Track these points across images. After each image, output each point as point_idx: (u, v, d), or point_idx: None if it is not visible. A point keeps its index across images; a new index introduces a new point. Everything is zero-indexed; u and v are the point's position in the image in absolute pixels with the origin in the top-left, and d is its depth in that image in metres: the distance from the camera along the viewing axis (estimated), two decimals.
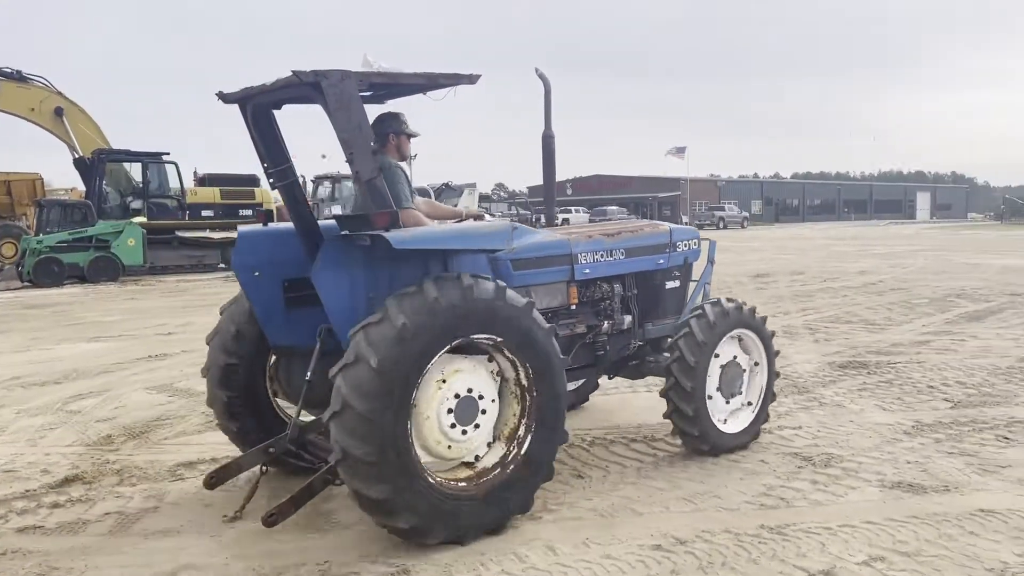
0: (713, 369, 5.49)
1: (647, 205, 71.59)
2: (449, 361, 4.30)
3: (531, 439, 4.49)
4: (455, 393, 4.31)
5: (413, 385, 4.05)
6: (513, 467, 4.46)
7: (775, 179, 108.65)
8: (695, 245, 6.42)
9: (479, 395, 4.40)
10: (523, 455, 4.48)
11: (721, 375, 5.56)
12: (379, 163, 4.38)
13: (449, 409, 4.29)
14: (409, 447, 4.08)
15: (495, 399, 4.50)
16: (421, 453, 4.23)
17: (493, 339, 4.32)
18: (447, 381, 4.29)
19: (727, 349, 5.60)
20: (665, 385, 5.49)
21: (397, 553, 4.17)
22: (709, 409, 5.46)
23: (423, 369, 4.08)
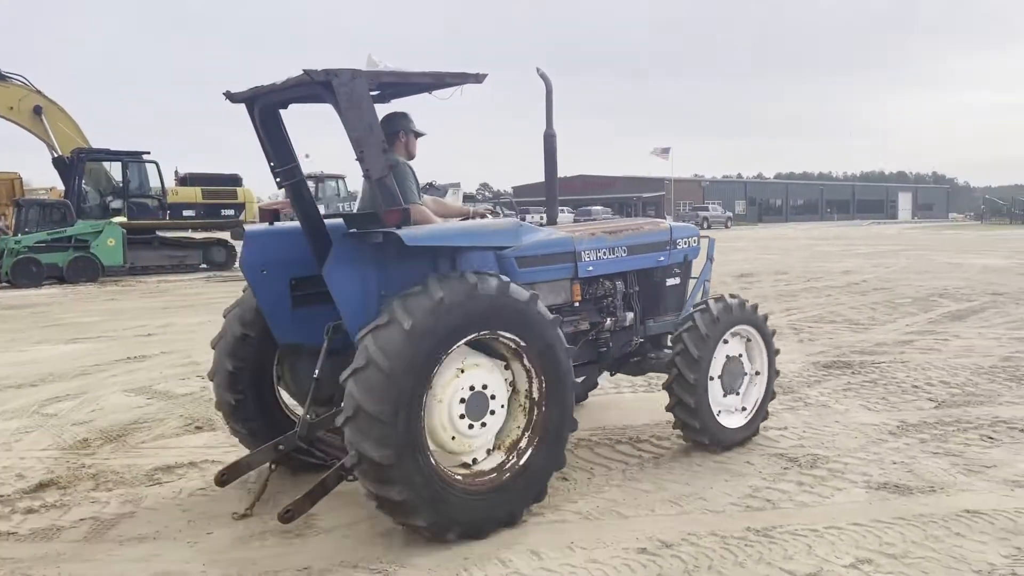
0: (716, 364, 5.55)
1: (631, 205, 71.63)
2: (470, 354, 4.38)
3: (531, 453, 4.52)
4: (470, 385, 4.35)
5: (425, 385, 4.10)
6: (509, 475, 4.46)
7: (758, 179, 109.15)
8: (695, 243, 6.52)
9: (492, 394, 4.44)
10: (521, 466, 4.50)
11: (723, 371, 5.62)
12: (390, 161, 4.40)
13: (462, 399, 4.33)
14: (424, 446, 4.13)
15: (504, 405, 4.53)
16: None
17: (516, 341, 4.40)
18: (465, 372, 4.35)
19: (730, 345, 5.67)
20: (668, 378, 5.53)
21: (378, 558, 4.10)
22: (710, 402, 5.51)
23: (434, 369, 4.12)
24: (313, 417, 4.84)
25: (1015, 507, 4.57)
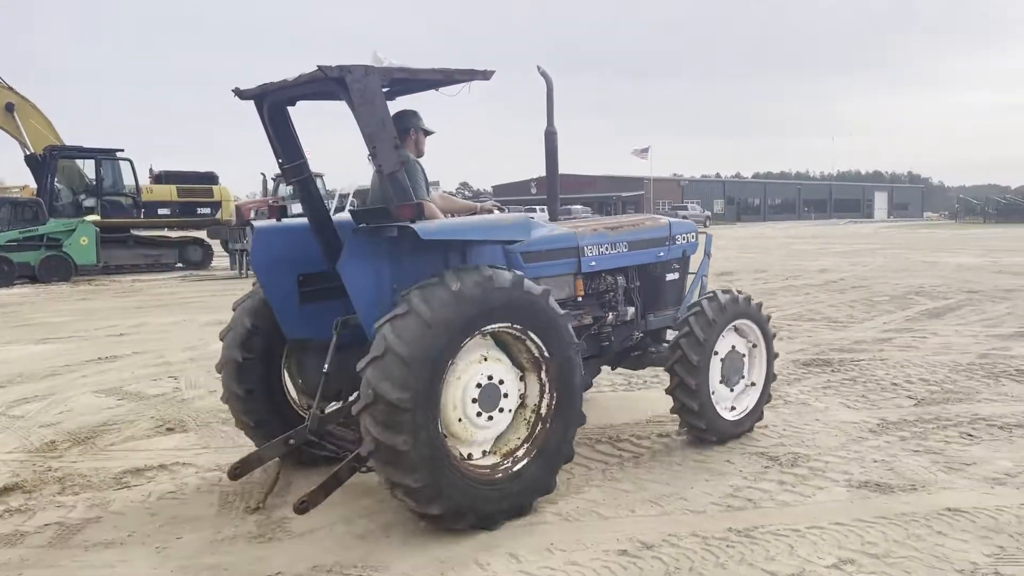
0: (715, 361, 5.64)
1: (611, 204, 71.79)
2: (494, 348, 4.49)
3: (526, 463, 4.51)
4: (489, 375, 4.42)
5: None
6: (501, 476, 4.45)
7: (737, 179, 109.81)
8: (693, 238, 6.63)
9: (505, 392, 4.49)
10: (513, 473, 4.49)
11: (722, 366, 5.72)
12: (401, 157, 4.43)
13: (479, 384, 4.38)
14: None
15: (511, 410, 4.57)
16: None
17: (540, 349, 4.49)
18: (488, 360, 4.44)
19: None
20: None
21: (353, 563, 3.99)
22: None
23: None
24: (321, 412, 4.85)
25: (996, 505, 4.54)
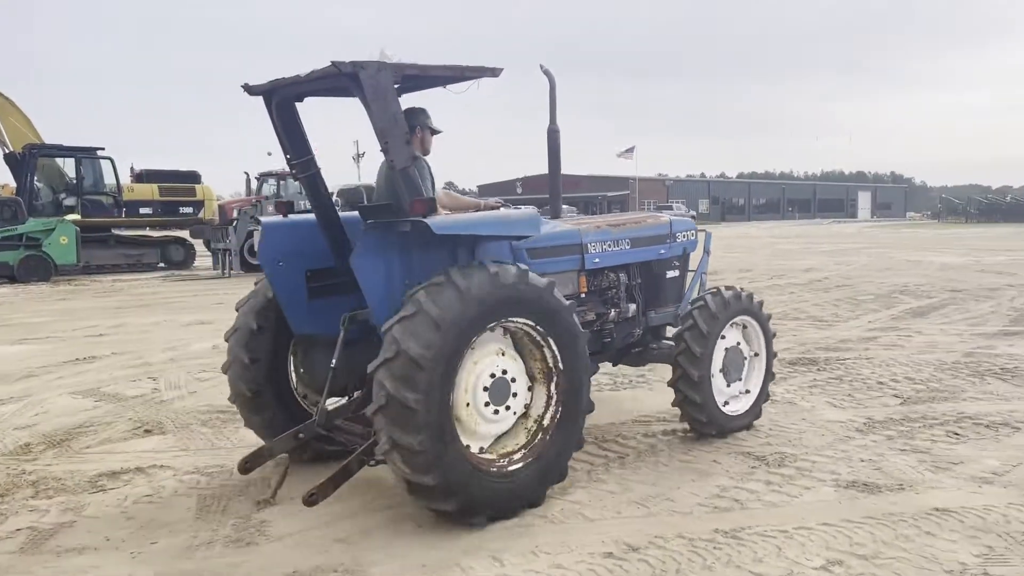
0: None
1: (596, 204, 71.80)
2: (510, 348, 4.57)
3: (520, 467, 4.51)
4: (503, 370, 4.49)
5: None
6: (495, 471, 4.45)
7: (721, 179, 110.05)
8: (692, 236, 6.71)
9: (514, 392, 4.55)
10: (507, 472, 4.48)
11: (724, 360, 5.78)
12: (412, 152, 4.50)
13: (493, 374, 4.44)
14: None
15: (515, 413, 4.60)
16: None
17: (556, 359, 4.58)
18: (505, 355, 4.52)
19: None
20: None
21: (333, 568, 3.90)
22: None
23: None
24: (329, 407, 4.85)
25: (984, 504, 4.50)
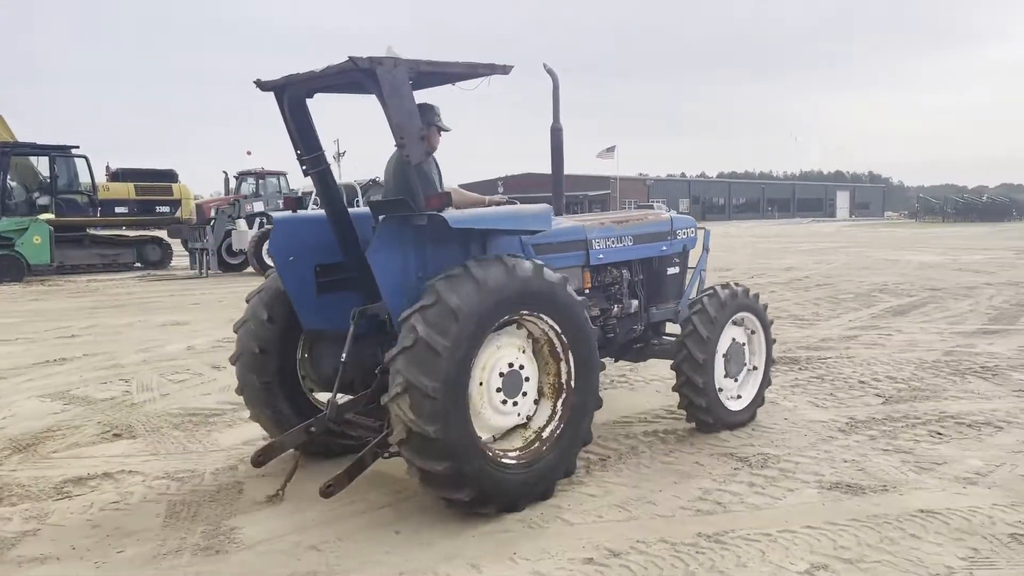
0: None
1: (578, 203, 71.79)
2: (531, 351, 4.68)
3: (514, 463, 4.53)
4: (521, 364, 4.59)
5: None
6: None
7: (701, 178, 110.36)
8: (692, 233, 6.80)
9: (524, 392, 4.61)
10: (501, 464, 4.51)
11: (726, 358, 5.90)
12: (427, 149, 4.57)
13: (510, 363, 4.52)
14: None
15: (518, 415, 4.65)
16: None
17: (569, 372, 4.68)
18: (526, 353, 4.63)
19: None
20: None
21: (305, 575, 3.79)
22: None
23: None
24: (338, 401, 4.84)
25: (968, 506, 4.45)
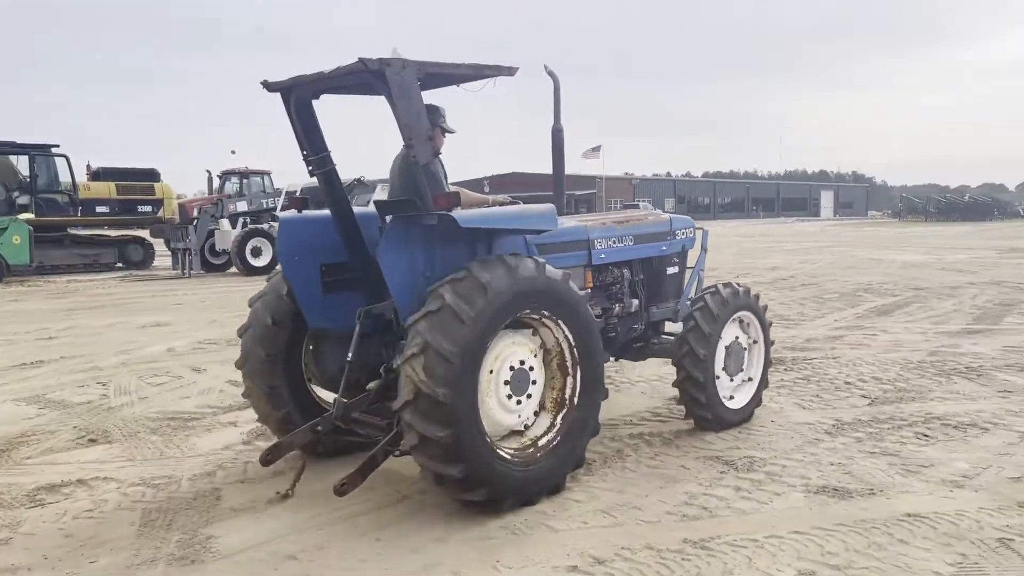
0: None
1: (564, 203, 71.71)
2: (542, 360, 4.74)
3: (508, 457, 4.55)
4: (531, 367, 4.64)
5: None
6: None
7: (687, 178, 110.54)
8: (691, 233, 6.85)
9: (529, 394, 4.65)
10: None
11: (726, 356, 5.94)
12: (435, 149, 4.63)
13: (522, 360, 4.58)
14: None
15: (520, 415, 4.67)
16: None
17: (574, 388, 4.77)
18: (537, 358, 4.69)
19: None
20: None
21: None
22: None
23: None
24: (346, 400, 4.86)
25: (956, 509, 4.41)
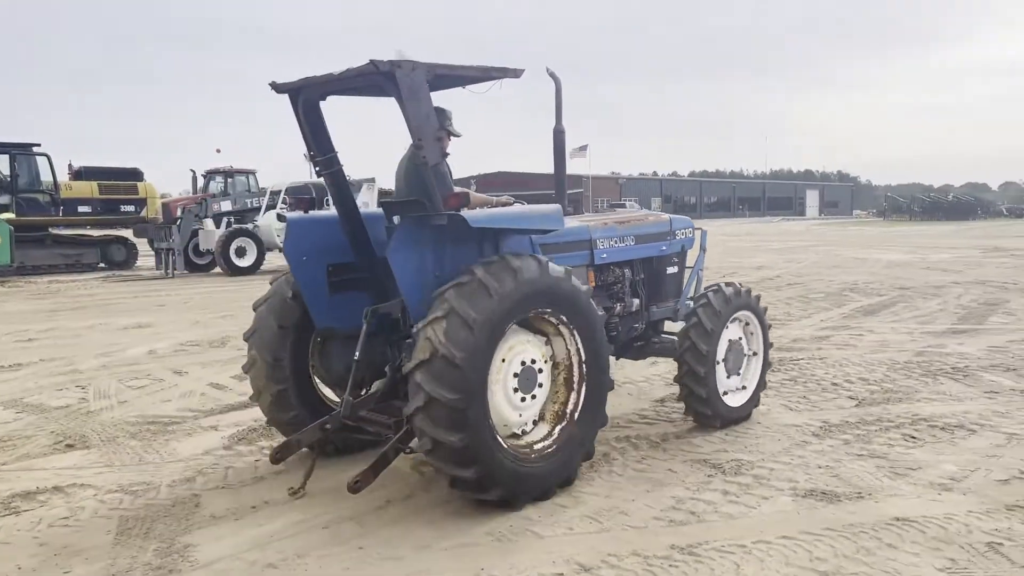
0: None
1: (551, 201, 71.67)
2: (549, 364, 4.79)
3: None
4: (539, 369, 4.69)
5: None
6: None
7: (673, 177, 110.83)
8: (690, 233, 6.91)
9: (533, 395, 4.69)
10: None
11: (726, 355, 5.99)
12: (444, 150, 4.69)
13: (533, 359, 4.64)
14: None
15: (521, 415, 4.70)
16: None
17: (576, 404, 4.80)
18: (547, 363, 4.75)
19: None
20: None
21: None
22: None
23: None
24: (353, 398, 4.86)
25: (944, 513, 4.38)
